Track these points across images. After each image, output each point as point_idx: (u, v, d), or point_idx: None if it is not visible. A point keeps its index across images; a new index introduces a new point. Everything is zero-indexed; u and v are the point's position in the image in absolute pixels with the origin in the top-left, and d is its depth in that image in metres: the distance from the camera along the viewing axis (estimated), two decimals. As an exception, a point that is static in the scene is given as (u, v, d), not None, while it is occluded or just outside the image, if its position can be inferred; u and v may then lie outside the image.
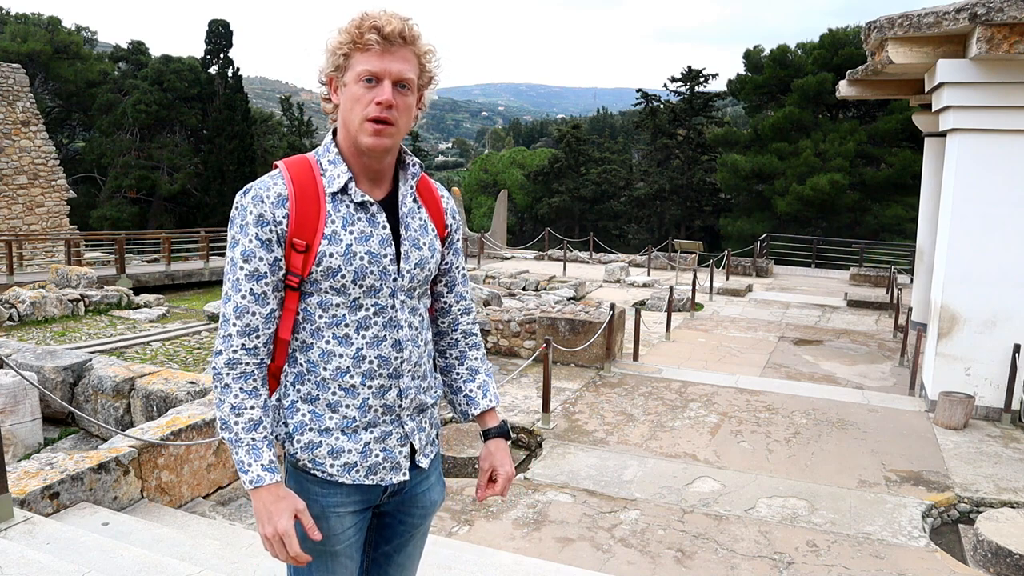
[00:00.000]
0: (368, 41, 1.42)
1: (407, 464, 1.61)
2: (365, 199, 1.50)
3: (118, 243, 16.19)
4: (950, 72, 6.17)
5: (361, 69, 1.44)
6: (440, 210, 1.66)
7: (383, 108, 1.43)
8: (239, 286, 1.47)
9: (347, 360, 1.52)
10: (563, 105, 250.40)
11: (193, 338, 9.79)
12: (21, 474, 3.29)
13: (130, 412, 4.81)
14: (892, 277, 14.61)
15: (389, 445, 1.58)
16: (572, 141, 38.71)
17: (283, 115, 46.40)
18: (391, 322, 1.54)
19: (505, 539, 4.04)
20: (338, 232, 1.48)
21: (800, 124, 27.95)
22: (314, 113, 50.72)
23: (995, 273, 6.31)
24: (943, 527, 4.66)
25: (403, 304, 1.56)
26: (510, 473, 1.74)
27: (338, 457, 1.54)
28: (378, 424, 1.56)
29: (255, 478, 1.44)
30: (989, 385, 6.43)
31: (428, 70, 1.53)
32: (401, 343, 1.56)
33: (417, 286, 1.59)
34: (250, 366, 1.48)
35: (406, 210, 1.58)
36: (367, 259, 1.49)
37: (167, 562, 2.66)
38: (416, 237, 1.58)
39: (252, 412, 1.47)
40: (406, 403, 1.59)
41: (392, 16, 1.45)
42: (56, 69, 30.64)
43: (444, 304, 1.73)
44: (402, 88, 1.46)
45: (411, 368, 1.58)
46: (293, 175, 1.50)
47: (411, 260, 1.56)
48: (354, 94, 1.45)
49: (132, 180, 32.11)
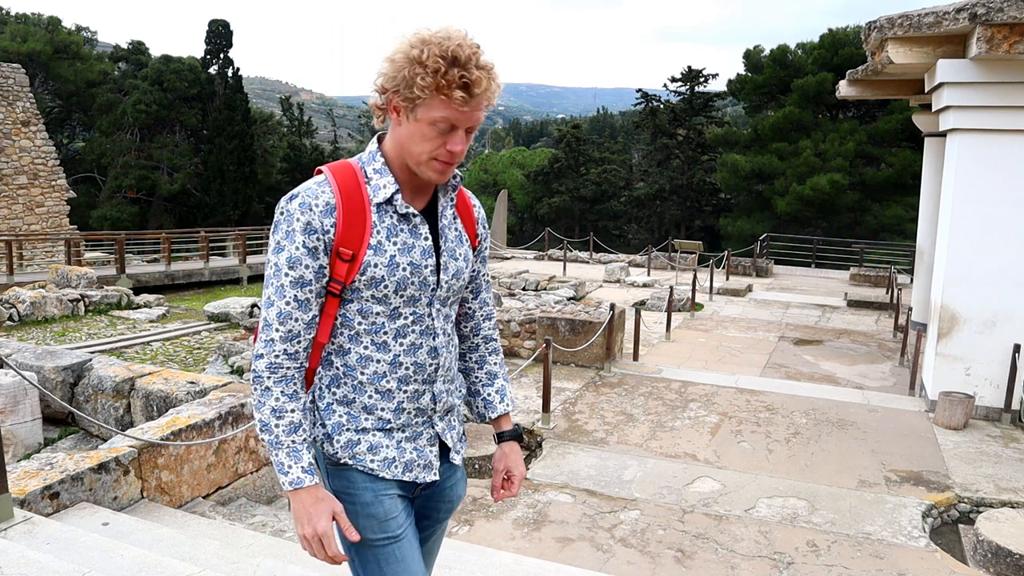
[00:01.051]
0: (456, 98, 1.39)
1: (437, 463, 1.66)
2: (409, 210, 1.52)
3: (118, 243, 16.19)
4: (950, 72, 6.17)
5: (440, 117, 1.42)
6: (472, 219, 1.69)
7: (453, 156, 1.46)
8: (283, 292, 1.48)
9: (384, 365, 1.56)
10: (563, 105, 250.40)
11: (193, 338, 9.79)
12: (21, 474, 3.29)
13: (130, 412, 4.81)
14: (892, 277, 14.61)
15: (420, 445, 1.63)
16: (572, 141, 38.70)
17: (283, 115, 46.40)
18: (427, 330, 1.58)
19: (505, 539, 4.04)
20: (383, 243, 1.50)
21: (800, 124, 27.95)
22: (314, 113, 50.67)
23: (995, 273, 6.31)
24: (943, 527, 4.66)
25: (439, 312, 1.60)
26: (523, 474, 1.81)
27: (377, 453, 1.58)
28: (410, 425, 1.61)
29: (295, 479, 1.47)
30: (989, 385, 6.43)
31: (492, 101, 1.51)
32: (437, 350, 1.60)
33: (452, 295, 1.64)
34: (291, 370, 1.50)
35: (445, 222, 1.61)
36: (409, 270, 1.52)
37: (167, 562, 2.66)
38: (453, 248, 1.61)
39: (292, 415, 1.50)
40: (439, 406, 1.64)
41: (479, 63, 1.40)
42: (56, 69, 30.65)
43: (468, 309, 1.78)
44: (469, 131, 1.48)
45: (443, 373, 1.64)
46: (340, 183, 1.50)
47: (449, 271, 1.59)
48: (424, 133, 1.44)
49: (132, 180, 32.13)
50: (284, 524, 3.73)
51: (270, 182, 37.67)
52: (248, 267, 18.60)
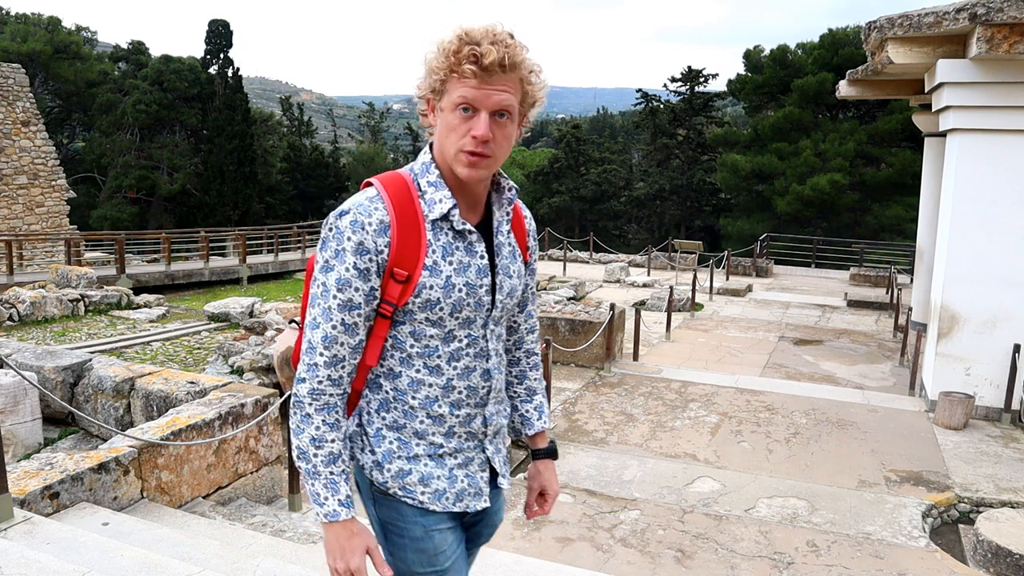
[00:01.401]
0: (465, 71, 1.32)
1: (487, 490, 1.59)
2: (465, 227, 1.44)
3: (118, 243, 16.19)
4: (950, 72, 6.17)
5: (457, 97, 1.34)
6: (524, 232, 1.61)
7: (479, 143, 1.35)
8: (330, 315, 1.39)
9: (437, 390, 1.48)
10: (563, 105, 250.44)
11: (193, 338, 9.79)
12: (21, 474, 3.29)
13: (130, 412, 4.81)
14: (892, 277, 14.61)
15: (472, 471, 1.56)
16: (572, 141, 38.71)
17: (283, 115, 46.43)
18: (481, 352, 1.51)
19: (505, 539, 4.04)
20: (438, 263, 1.42)
21: (800, 124, 27.96)
22: (314, 113, 50.69)
23: (995, 273, 6.31)
24: (943, 527, 4.66)
25: (492, 334, 1.53)
26: (557, 492, 1.78)
27: (428, 484, 1.51)
28: (462, 451, 1.54)
29: (331, 512, 1.41)
30: (989, 385, 6.43)
31: (531, 94, 1.41)
32: (490, 372, 1.53)
33: (505, 315, 1.57)
34: (334, 397, 1.43)
35: (501, 238, 1.52)
36: (465, 291, 1.44)
37: (167, 562, 2.66)
38: (508, 265, 1.53)
39: (332, 445, 1.42)
40: (489, 429, 1.58)
41: (495, 39, 1.33)
42: (56, 69, 30.66)
43: (514, 323, 1.71)
44: (501, 117, 1.36)
45: (495, 395, 1.57)
46: (393, 198, 1.41)
47: (504, 290, 1.51)
48: (449, 123, 1.37)
49: (132, 180, 32.14)
50: (284, 524, 3.73)
51: (270, 182, 37.69)
52: (248, 267, 18.60)
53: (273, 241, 20.57)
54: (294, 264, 20.47)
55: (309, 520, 3.93)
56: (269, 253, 20.85)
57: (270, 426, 4.37)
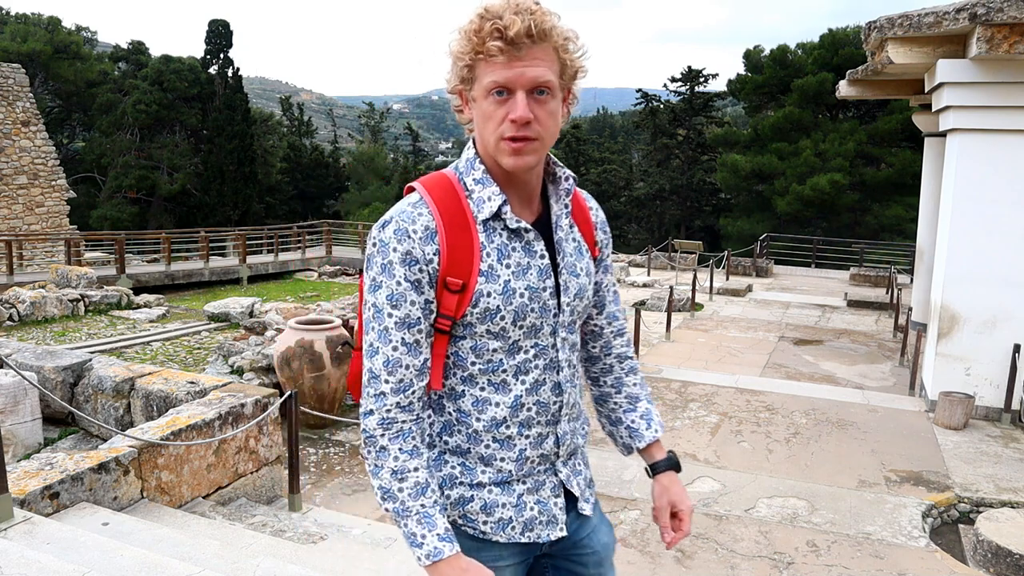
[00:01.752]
0: (491, 49, 1.19)
1: (563, 517, 1.43)
2: (520, 225, 1.30)
3: (118, 243, 16.20)
4: (950, 72, 6.17)
5: (488, 82, 1.22)
6: (590, 225, 1.46)
7: (519, 126, 1.21)
8: (388, 336, 1.27)
9: (504, 409, 1.34)
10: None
11: (193, 338, 9.79)
12: (21, 474, 3.29)
13: (130, 412, 4.81)
14: (892, 277, 14.60)
15: (543, 496, 1.41)
16: (572, 141, 38.73)
17: (283, 115, 46.44)
18: (552, 364, 1.37)
19: (505, 539, 4.04)
20: (494, 267, 1.29)
21: (800, 124, 27.96)
22: (314, 113, 50.67)
23: (995, 273, 6.31)
24: (943, 527, 4.66)
25: (564, 342, 1.38)
26: (691, 508, 1.54)
27: (492, 513, 1.37)
28: (532, 475, 1.39)
29: (432, 552, 1.23)
30: (989, 385, 6.43)
31: (571, 63, 1.26)
32: (561, 386, 1.39)
33: (576, 318, 1.41)
34: (407, 423, 1.29)
35: (562, 233, 1.37)
36: (527, 295, 1.30)
37: (167, 562, 2.66)
38: (573, 263, 1.38)
39: (417, 475, 1.27)
40: (562, 450, 1.42)
41: (519, 8, 1.19)
42: (56, 69, 30.67)
43: (595, 326, 1.54)
44: (540, 94, 1.22)
45: (568, 411, 1.41)
46: (438, 201, 1.29)
47: (571, 291, 1.37)
48: (485, 111, 1.24)
49: (132, 180, 32.16)
50: (284, 524, 3.73)
51: (270, 182, 37.69)
52: (248, 267, 18.61)
53: (273, 241, 20.58)
54: (294, 264, 20.48)
55: (309, 520, 3.93)
56: (269, 253, 20.85)
57: (270, 426, 4.37)
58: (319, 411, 5.38)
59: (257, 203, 34.83)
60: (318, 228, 24.37)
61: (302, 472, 4.71)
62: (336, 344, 5.78)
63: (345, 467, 5.10)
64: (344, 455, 5.31)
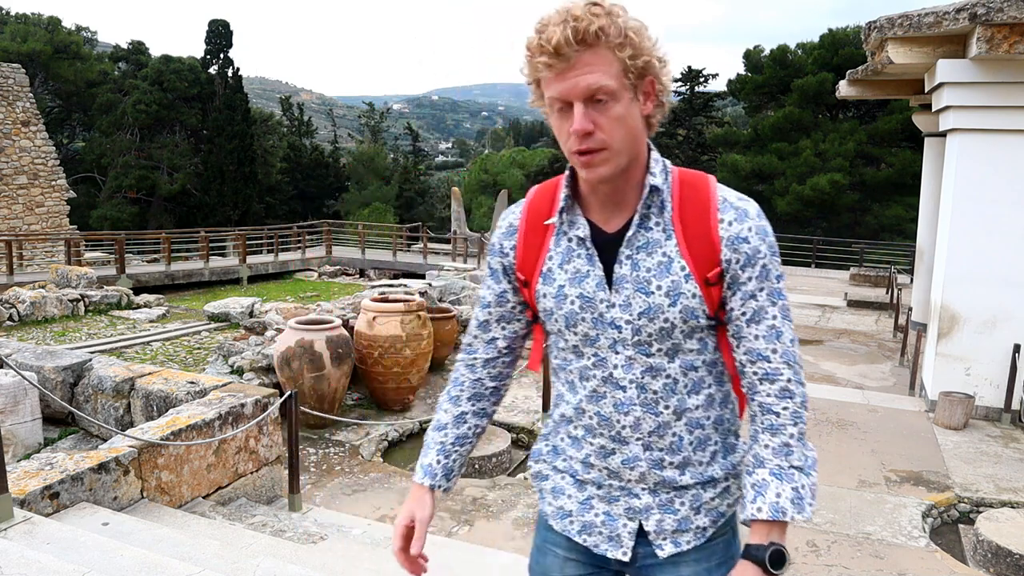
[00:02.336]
0: (538, 66, 1.17)
1: (630, 542, 1.34)
2: (577, 233, 1.29)
3: (118, 243, 16.20)
4: (950, 72, 6.16)
5: (549, 98, 1.20)
6: (711, 237, 1.24)
7: (581, 139, 1.17)
8: (475, 309, 1.47)
9: (571, 409, 1.36)
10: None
11: (193, 338, 9.79)
12: (21, 474, 3.29)
13: (130, 412, 4.81)
14: (892, 277, 14.60)
15: (614, 512, 1.35)
16: (572, 141, 38.67)
17: (283, 115, 46.43)
18: (611, 379, 1.29)
19: (505, 539, 4.04)
20: (553, 270, 1.31)
21: (800, 124, 27.96)
22: (314, 113, 50.68)
23: (995, 273, 6.30)
24: (943, 527, 4.66)
25: (629, 361, 1.27)
26: None
27: (557, 498, 1.41)
28: (604, 486, 1.36)
29: (415, 472, 1.47)
30: (989, 385, 6.43)
31: (632, 60, 1.17)
32: (625, 406, 1.29)
33: (653, 340, 1.26)
34: (463, 377, 1.48)
35: (641, 243, 1.26)
36: (578, 304, 1.28)
37: (167, 562, 2.66)
38: (646, 279, 1.25)
39: (442, 416, 1.48)
40: (633, 474, 1.32)
41: (563, 17, 1.14)
42: (56, 69, 30.67)
43: (737, 363, 1.30)
44: (600, 102, 1.16)
45: (641, 437, 1.30)
46: (531, 202, 1.36)
47: (634, 309, 1.25)
48: (556, 127, 1.22)
49: (132, 180, 32.16)
50: (284, 524, 3.73)
51: (270, 182, 37.69)
52: (248, 267, 18.60)
53: (273, 241, 20.59)
54: (294, 264, 20.48)
55: (309, 520, 3.93)
56: (269, 253, 20.86)
57: (270, 426, 4.37)
58: (319, 411, 5.38)
59: (257, 203, 34.84)
60: (318, 228, 24.37)
61: (302, 472, 4.71)
62: (336, 344, 5.79)
63: (345, 467, 5.10)
64: (344, 455, 5.31)
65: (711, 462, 1.33)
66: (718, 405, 1.33)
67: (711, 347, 1.31)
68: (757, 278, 1.25)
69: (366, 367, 6.24)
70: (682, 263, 1.24)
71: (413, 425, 6.07)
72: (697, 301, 1.24)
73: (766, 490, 1.24)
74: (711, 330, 1.30)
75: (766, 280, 1.25)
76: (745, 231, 1.24)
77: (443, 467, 1.44)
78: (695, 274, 1.24)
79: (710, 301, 1.25)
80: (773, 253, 1.26)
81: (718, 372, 1.33)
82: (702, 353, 1.29)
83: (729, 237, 1.24)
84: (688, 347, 1.28)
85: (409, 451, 5.80)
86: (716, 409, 1.33)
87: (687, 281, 1.24)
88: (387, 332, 6.14)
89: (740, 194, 1.30)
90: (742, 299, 1.25)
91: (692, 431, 1.31)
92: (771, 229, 1.28)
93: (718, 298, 1.26)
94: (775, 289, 1.26)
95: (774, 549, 1.22)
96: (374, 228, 25.85)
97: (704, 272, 1.24)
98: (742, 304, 1.25)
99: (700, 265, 1.24)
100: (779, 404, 1.26)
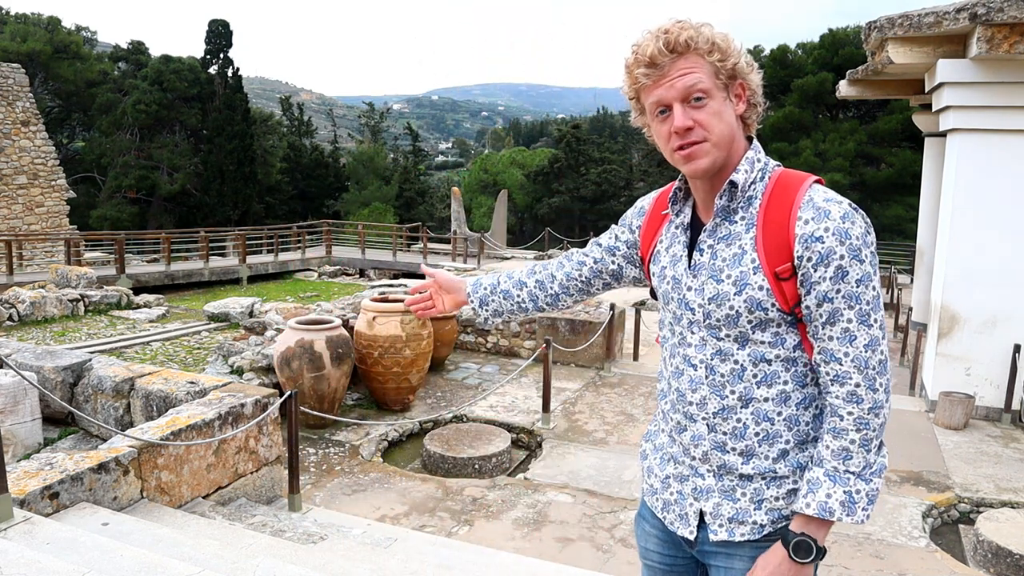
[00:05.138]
0: (639, 77, 1.31)
1: (695, 522, 1.42)
2: (676, 219, 1.47)
3: (118, 243, 16.19)
4: (950, 72, 6.16)
5: (649, 104, 1.33)
6: (786, 235, 1.28)
7: (681, 135, 1.29)
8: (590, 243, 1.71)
9: (664, 383, 1.53)
10: (563, 105, 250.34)
11: (193, 338, 9.79)
12: (21, 474, 3.29)
13: (130, 412, 4.81)
14: (892, 277, 14.60)
15: (684, 491, 1.45)
16: (572, 141, 38.70)
17: (283, 115, 46.41)
18: (687, 357, 1.41)
19: (505, 539, 4.04)
20: (660, 253, 1.49)
21: (800, 124, 27.96)
22: (314, 113, 50.66)
23: (995, 273, 6.30)
24: (943, 527, 4.66)
25: (702, 342, 1.38)
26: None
27: (649, 476, 1.56)
28: (680, 463, 1.46)
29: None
30: (989, 385, 6.43)
31: (722, 63, 1.29)
32: (694, 384, 1.40)
33: (721, 325, 1.34)
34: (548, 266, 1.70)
35: (722, 233, 1.35)
36: (670, 284, 1.44)
37: (167, 562, 2.66)
38: (718, 267, 1.34)
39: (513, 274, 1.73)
40: (696, 451, 1.41)
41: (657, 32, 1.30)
42: (56, 69, 30.64)
43: (814, 361, 1.33)
44: (697, 100, 1.28)
45: (707, 417, 1.38)
46: (661, 193, 1.55)
47: (705, 292, 1.36)
48: (658, 132, 1.35)
49: (132, 180, 32.13)
50: (284, 524, 3.73)
51: (270, 182, 37.66)
52: (248, 267, 18.60)
53: (273, 241, 20.58)
54: (294, 264, 20.47)
55: (309, 520, 3.93)
56: (269, 253, 20.85)
57: (270, 426, 4.37)
58: (319, 411, 5.38)
59: (257, 203, 34.82)
60: (318, 228, 24.36)
61: (302, 472, 4.71)
62: (336, 344, 5.78)
63: (345, 467, 5.10)
64: (344, 455, 5.31)
65: (779, 459, 1.35)
66: (795, 405, 1.35)
67: (789, 344, 1.33)
68: (831, 279, 1.26)
69: (366, 367, 6.24)
70: (754, 256, 1.31)
71: (413, 425, 6.07)
72: (764, 293, 1.29)
73: (818, 489, 1.29)
74: (789, 326, 1.33)
75: (841, 282, 1.25)
76: (820, 231, 1.25)
77: (484, 293, 1.71)
78: (765, 267, 1.29)
79: (781, 296, 1.29)
80: (854, 256, 1.25)
81: (799, 373, 1.35)
82: (775, 347, 1.33)
83: (803, 235, 1.26)
84: (758, 338, 1.33)
85: (409, 451, 5.80)
86: (791, 409, 1.35)
87: (755, 273, 1.30)
88: (387, 332, 6.14)
89: (834, 196, 1.30)
90: (817, 300, 1.27)
91: (759, 422, 1.35)
92: (862, 233, 1.26)
93: (792, 294, 1.29)
94: (853, 293, 1.26)
95: (802, 539, 1.29)
96: (374, 228, 25.83)
97: (774, 266, 1.29)
98: (818, 305, 1.28)
99: (772, 259, 1.29)
100: (845, 408, 1.30)
